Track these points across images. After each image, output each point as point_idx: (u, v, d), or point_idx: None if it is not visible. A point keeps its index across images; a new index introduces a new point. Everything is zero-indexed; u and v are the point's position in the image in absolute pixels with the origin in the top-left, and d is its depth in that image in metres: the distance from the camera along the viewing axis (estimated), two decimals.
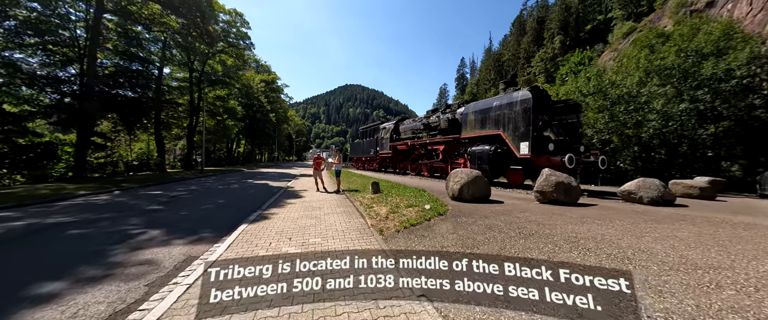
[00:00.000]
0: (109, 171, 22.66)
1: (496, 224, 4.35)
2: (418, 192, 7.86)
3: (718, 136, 9.28)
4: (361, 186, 10.38)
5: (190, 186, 11.32)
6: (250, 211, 6.23)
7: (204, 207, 6.82)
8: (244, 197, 8.81)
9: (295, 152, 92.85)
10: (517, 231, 3.99)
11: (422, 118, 15.69)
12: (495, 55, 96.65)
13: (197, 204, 7.18)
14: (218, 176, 17.53)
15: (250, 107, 38.70)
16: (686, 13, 35.63)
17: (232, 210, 6.45)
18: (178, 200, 7.91)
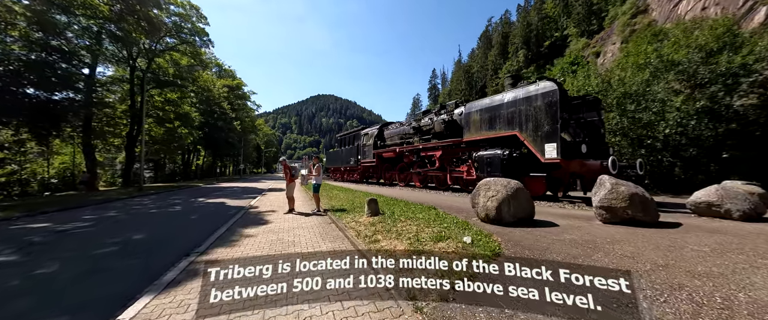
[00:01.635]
0: (15, 192, 17.76)
1: None
2: (428, 211, 5.89)
3: (729, 135, 8.53)
4: (348, 203, 8.17)
5: (108, 212, 8.24)
6: (176, 258, 3.78)
7: (93, 254, 4.17)
8: (178, 227, 6.16)
9: (264, 164, 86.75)
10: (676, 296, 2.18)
11: (411, 121, 13.97)
12: (465, 67, 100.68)
13: (87, 248, 4.49)
14: (161, 194, 14.09)
15: (210, 114, 34.47)
16: (631, 31, 39.41)
17: (138, 261, 3.92)
18: (61, 240, 5.08)
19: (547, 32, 71.07)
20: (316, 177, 7.55)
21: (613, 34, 43.84)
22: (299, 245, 4.33)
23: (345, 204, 8.12)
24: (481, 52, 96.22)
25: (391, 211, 5.96)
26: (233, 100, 43.22)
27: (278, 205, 9.17)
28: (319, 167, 7.61)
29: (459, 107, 10.71)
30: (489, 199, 4.67)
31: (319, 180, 7.59)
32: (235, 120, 42.32)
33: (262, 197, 12.20)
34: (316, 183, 7.53)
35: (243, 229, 5.61)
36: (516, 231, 4.19)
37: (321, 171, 7.61)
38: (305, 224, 5.96)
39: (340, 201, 8.92)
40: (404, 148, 13.23)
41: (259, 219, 6.69)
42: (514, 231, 4.20)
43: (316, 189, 7.51)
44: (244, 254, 3.95)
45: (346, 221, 5.60)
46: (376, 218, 5.36)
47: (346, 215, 6.27)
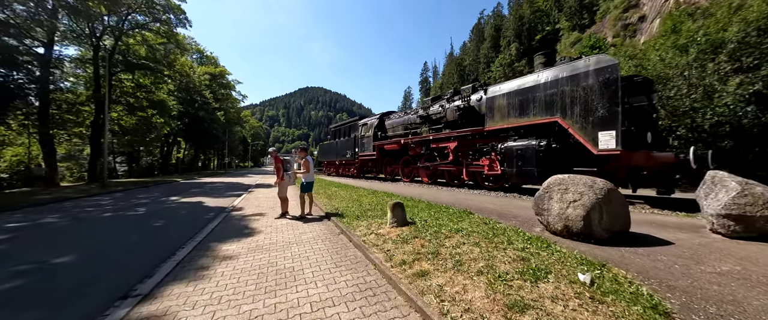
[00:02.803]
0: None
1: None
2: (467, 217, 4.52)
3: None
4: (353, 203, 6.69)
5: (46, 218, 6.43)
6: (101, 305, 2.25)
7: None
8: (128, 244, 4.54)
9: (251, 157, 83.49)
10: None
11: (418, 109, 12.50)
12: (457, 60, 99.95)
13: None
14: (128, 192, 12.13)
15: (190, 103, 31.78)
16: (622, 26, 39.18)
17: (33, 315, 2.36)
18: None
19: (539, 25, 70.81)
20: (305, 173, 6.00)
21: (604, 27, 43.71)
22: (303, 278, 2.85)
23: (350, 205, 6.65)
24: (474, 45, 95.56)
25: (421, 218, 4.54)
26: (216, 89, 40.31)
27: (267, 206, 7.59)
28: (308, 162, 6.05)
29: (477, 92, 9.33)
30: (569, 205, 3.33)
31: (309, 178, 6.04)
32: (218, 110, 39.58)
33: (248, 195, 10.55)
34: (306, 181, 6.00)
35: (219, 245, 4.06)
36: (625, 254, 2.87)
37: (310, 166, 6.09)
38: (305, 236, 4.47)
39: (342, 201, 7.44)
40: (410, 140, 11.79)
41: (242, 228, 5.13)
42: (623, 254, 2.87)
43: (305, 188, 5.98)
44: (212, 300, 2.45)
45: (362, 232, 4.15)
46: (406, 229, 3.93)
47: (358, 222, 4.82)
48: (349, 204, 6.73)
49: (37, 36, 16.40)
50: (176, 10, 20.51)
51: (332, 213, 5.89)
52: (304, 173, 5.98)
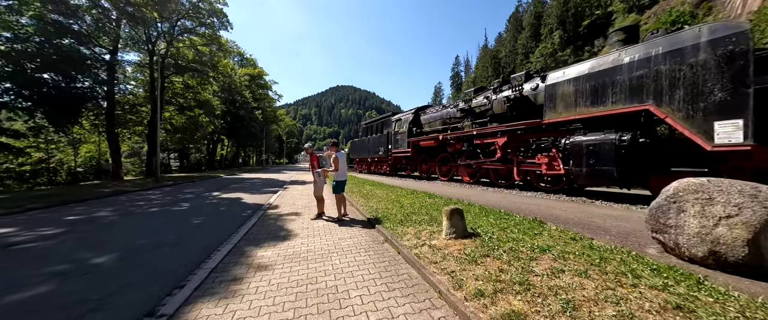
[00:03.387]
0: (43, 181, 17.56)
1: None
2: (537, 227, 3.63)
3: None
4: (393, 205, 6.06)
5: (101, 211, 6.76)
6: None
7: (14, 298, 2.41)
8: (167, 243, 4.38)
9: (286, 154, 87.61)
10: None
11: (458, 102, 11.49)
12: (491, 52, 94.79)
13: (20, 280, 2.77)
14: (177, 186, 12.87)
15: (231, 103, 33.75)
16: (695, 2, 33.13)
17: None
18: (5, 256, 3.45)
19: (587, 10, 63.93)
20: (338, 172, 5.46)
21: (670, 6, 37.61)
22: (350, 305, 2.27)
23: (389, 206, 6.03)
24: (510, 36, 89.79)
25: (483, 228, 3.74)
26: (255, 89, 42.46)
27: (302, 205, 7.28)
28: (338, 159, 5.48)
29: (532, 79, 8.12)
30: (719, 222, 2.32)
31: (342, 176, 5.50)
32: (256, 109, 41.66)
33: (283, 192, 10.48)
34: (338, 180, 5.46)
35: (254, 250, 3.68)
36: None
37: (341, 163, 5.50)
38: (345, 242, 3.93)
39: (379, 201, 6.85)
40: (449, 135, 10.85)
41: (278, 230, 4.77)
42: None
43: (336, 188, 5.46)
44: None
45: (411, 242, 3.49)
46: (469, 243, 3.18)
47: (403, 228, 4.17)
48: (388, 206, 6.12)
49: (104, 44, 18.28)
50: (219, 13, 21.59)
51: (372, 216, 5.32)
52: (334, 171, 5.46)
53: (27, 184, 16.41)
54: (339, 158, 5.40)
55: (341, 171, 5.45)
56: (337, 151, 5.48)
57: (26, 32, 13.45)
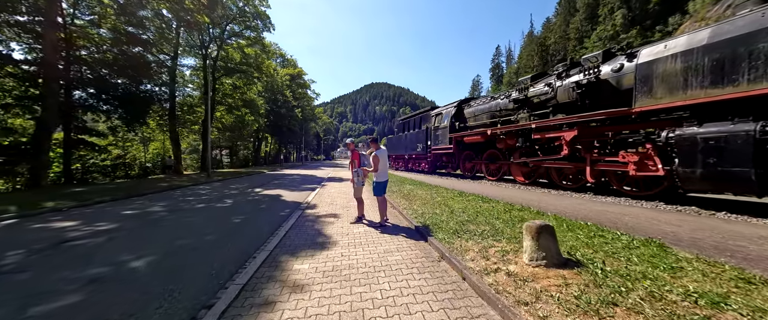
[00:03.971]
0: (120, 175, 20.15)
1: None
2: (662, 254, 2.56)
3: None
4: (442, 209, 5.26)
5: (154, 206, 7.08)
6: None
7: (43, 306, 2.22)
8: (205, 244, 4.19)
9: (324, 151, 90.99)
10: None
11: (509, 91, 10.14)
12: (538, 39, 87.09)
13: (35, 289, 2.64)
14: (225, 182, 13.57)
15: (274, 102, 35.53)
16: None
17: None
18: (55, 254, 3.49)
19: None
20: (378, 172, 4.76)
21: None
22: None
23: (437, 211, 5.25)
24: (561, 20, 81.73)
25: (586, 255, 2.77)
26: (295, 88, 44.28)
27: (341, 205, 6.85)
28: (378, 157, 4.75)
29: (614, 59, 6.60)
30: None
31: (383, 176, 4.80)
32: (296, 107, 43.41)
33: (321, 189, 10.28)
34: (379, 181, 4.79)
35: (290, 261, 3.22)
36: None
37: (382, 161, 4.76)
38: (393, 257, 3.28)
39: (424, 203, 6.10)
40: (499, 130, 9.59)
41: (315, 235, 4.31)
42: None
43: (378, 190, 4.79)
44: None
45: (479, 265, 2.71)
46: (571, 277, 2.30)
47: (462, 242, 3.38)
48: (436, 211, 5.34)
49: (166, 51, 20.21)
50: (263, 16, 22.53)
51: (419, 223, 4.60)
52: (373, 171, 4.81)
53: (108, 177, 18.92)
54: (379, 156, 4.74)
55: (382, 171, 4.80)
56: (378, 148, 4.85)
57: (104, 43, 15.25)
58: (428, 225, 4.39)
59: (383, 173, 4.82)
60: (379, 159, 4.73)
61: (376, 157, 4.73)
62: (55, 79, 10.33)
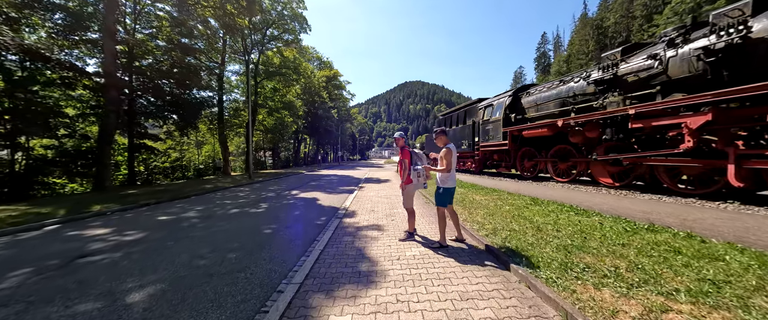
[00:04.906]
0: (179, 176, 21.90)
1: None
2: None
3: None
4: (520, 223, 3.89)
5: (193, 208, 6.82)
6: None
7: None
8: (229, 262, 3.43)
9: (359, 151, 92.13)
10: None
11: (589, 71, 8.13)
12: (593, 22, 77.49)
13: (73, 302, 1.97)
14: (264, 183, 13.54)
15: (311, 104, 36.29)
16: None
17: None
18: (57, 277, 3.00)
19: None
20: (444, 171, 3.55)
21: None
22: None
23: (516, 226, 3.90)
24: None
25: None
26: (331, 89, 44.96)
27: (383, 212, 5.80)
28: (450, 151, 3.52)
29: None
30: None
31: (450, 181, 3.58)
32: (332, 108, 44.04)
33: (359, 192, 9.41)
34: (445, 187, 3.57)
35: (323, 306, 2.22)
36: None
37: (452, 159, 3.53)
38: (480, 313, 2.08)
39: (491, 214, 4.76)
40: (575, 120, 7.67)
41: (357, 260, 3.29)
42: None
43: (442, 199, 3.57)
44: None
45: None
46: None
47: (590, 288, 2.07)
48: (512, 225, 3.99)
49: (215, 59, 21.43)
50: (300, 18, 22.73)
51: (498, 245, 3.32)
52: (442, 171, 3.63)
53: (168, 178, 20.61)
54: (452, 151, 3.54)
55: (451, 174, 3.61)
56: (449, 142, 3.65)
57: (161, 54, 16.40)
58: (511, 248, 3.09)
59: (452, 176, 3.61)
60: (451, 153, 3.53)
61: (447, 153, 3.54)
62: (115, 88, 11.03)
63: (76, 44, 13.59)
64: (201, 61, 18.71)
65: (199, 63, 18.37)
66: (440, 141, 3.69)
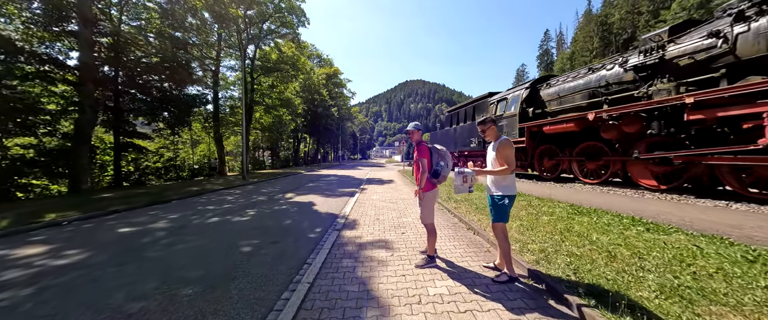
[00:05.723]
0: (173, 176, 20.94)
1: None
2: None
3: None
4: (576, 242, 2.88)
5: (167, 216, 5.85)
6: None
7: None
8: (172, 314, 2.35)
9: (360, 150, 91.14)
10: None
11: (626, 56, 7.08)
12: (597, 18, 76.18)
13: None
14: (257, 185, 12.55)
15: (311, 101, 35.28)
16: None
17: None
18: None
19: None
20: (504, 172, 2.49)
21: None
22: None
23: (573, 248, 2.89)
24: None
25: None
26: (331, 88, 43.92)
27: (389, 222, 4.78)
28: (510, 145, 2.51)
29: None
30: None
31: (512, 186, 2.56)
32: (332, 107, 43.02)
33: (361, 195, 8.41)
34: (509, 196, 2.52)
35: None
36: None
37: (512, 156, 2.51)
38: None
39: (531, 229, 3.75)
40: (607, 113, 6.63)
41: (359, 301, 2.29)
42: None
43: (500, 213, 2.53)
44: None
45: None
46: None
47: None
48: (565, 243, 2.98)
49: (210, 55, 20.46)
50: (297, 10, 21.70)
51: (544, 270, 2.31)
52: (502, 172, 2.53)
53: (160, 179, 19.65)
54: (505, 146, 2.52)
55: (509, 181, 2.53)
56: (501, 137, 2.64)
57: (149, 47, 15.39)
58: (584, 285, 2.08)
59: (512, 184, 2.54)
60: (512, 146, 2.51)
61: (505, 145, 2.50)
62: (92, 81, 10.04)
63: (58, 36, 12.66)
64: (193, 55, 17.71)
65: (191, 56, 17.38)
66: (491, 133, 2.67)
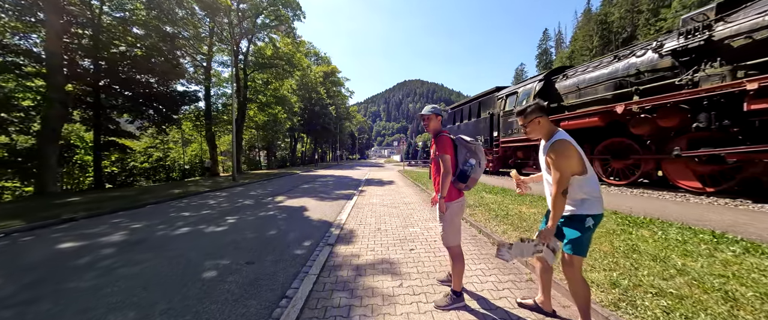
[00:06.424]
0: (162, 177, 19.97)
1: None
2: None
3: None
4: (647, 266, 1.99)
5: (129, 226, 4.95)
6: None
7: None
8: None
9: (358, 150, 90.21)
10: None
11: (661, 40, 6.24)
12: (597, 17, 75.79)
13: None
14: (247, 186, 11.64)
15: (308, 100, 34.34)
16: None
17: None
18: None
19: None
20: (584, 176, 1.61)
21: None
22: None
23: (648, 276, 2.00)
24: None
25: None
26: (329, 86, 42.98)
27: (393, 234, 3.89)
28: (564, 147, 1.59)
29: None
30: None
31: (597, 206, 1.60)
32: (330, 105, 42.09)
33: (360, 198, 7.53)
34: (594, 215, 1.60)
35: None
36: None
37: (583, 157, 1.66)
38: None
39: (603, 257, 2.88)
40: (638, 105, 5.80)
41: None
42: None
43: (587, 241, 1.60)
44: None
45: None
46: None
47: None
48: (641, 273, 2.11)
49: (202, 50, 19.50)
50: (292, 3, 20.79)
51: None
52: (583, 175, 1.59)
53: (149, 180, 18.68)
54: (559, 153, 1.61)
55: (592, 185, 1.62)
56: (557, 132, 1.72)
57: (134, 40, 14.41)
58: None
59: (597, 195, 1.63)
60: (575, 147, 1.63)
61: (566, 146, 1.62)
62: (60, 72, 9.09)
63: (33, 27, 11.70)
64: (182, 48, 16.72)
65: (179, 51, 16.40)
66: (537, 129, 1.78)
